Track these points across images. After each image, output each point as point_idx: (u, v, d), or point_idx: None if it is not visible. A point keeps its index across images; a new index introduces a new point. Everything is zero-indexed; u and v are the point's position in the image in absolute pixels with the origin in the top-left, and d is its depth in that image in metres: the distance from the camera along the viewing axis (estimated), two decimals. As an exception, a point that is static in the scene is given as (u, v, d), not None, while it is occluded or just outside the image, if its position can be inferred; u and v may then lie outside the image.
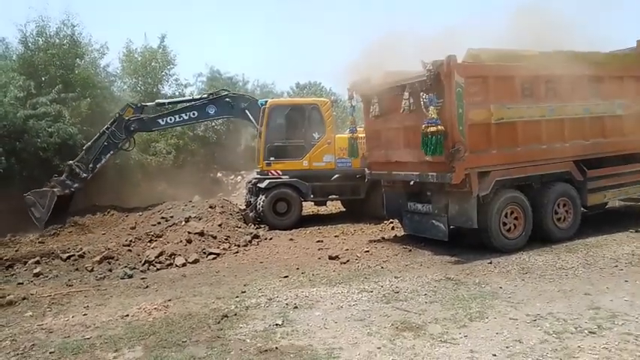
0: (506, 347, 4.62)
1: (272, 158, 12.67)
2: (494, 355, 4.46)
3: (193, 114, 14.32)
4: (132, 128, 14.03)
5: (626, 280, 6.57)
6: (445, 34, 8.68)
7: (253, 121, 13.82)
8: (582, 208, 9.54)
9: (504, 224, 8.56)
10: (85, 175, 13.50)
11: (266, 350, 4.84)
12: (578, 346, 4.56)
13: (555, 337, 4.81)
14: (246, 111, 14.07)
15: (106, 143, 13.85)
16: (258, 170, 13.24)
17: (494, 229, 8.44)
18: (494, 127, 8.42)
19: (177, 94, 22.33)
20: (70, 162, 13.50)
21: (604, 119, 9.62)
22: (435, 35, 8.58)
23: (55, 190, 12.98)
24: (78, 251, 9.49)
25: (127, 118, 13.90)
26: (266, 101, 13.50)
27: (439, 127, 7.83)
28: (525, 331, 5.00)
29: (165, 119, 14.35)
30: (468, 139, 8.08)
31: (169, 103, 15.82)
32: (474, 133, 8.19)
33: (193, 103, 14.63)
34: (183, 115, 14.31)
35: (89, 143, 13.95)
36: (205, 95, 15.19)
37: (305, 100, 14.49)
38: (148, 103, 15.58)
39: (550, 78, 8.92)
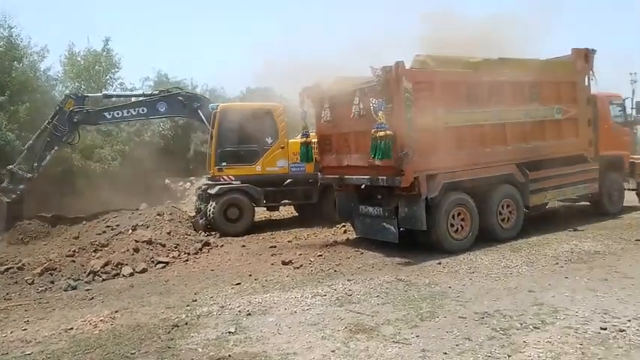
0: (457, 345, 4.74)
1: (224, 163, 12.43)
2: (445, 354, 4.56)
3: (142, 110, 13.57)
4: (75, 120, 13.12)
5: (567, 276, 6.89)
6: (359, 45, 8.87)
7: (206, 122, 13.37)
8: (525, 209, 9.95)
9: (452, 225, 8.80)
10: (29, 175, 12.69)
11: (219, 359, 4.75)
12: (524, 341, 4.74)
13: (502, 333, 4.98)
14: (199, 111, 13.55)
15: (49, 139, 12.93)
16: (209, 176, 12.96)
17: (443, 230, 8.67)
18: (441, 132, 8.66)
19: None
20: (10, 166, 12.77)
21: (544, 123, 10.08)
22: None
23: (2, 198, 12.26)
24: (17, 263, 8.98)
25: (69, 109, 13.03)
26: (217, 105, 13.18)
27: (388, 132, 7.97)
28: (474, 328, 5.14)
29: (112, 113, 13.55)
30: (416, 143, 8.27)
31: (118, 96, 15.01)
32: (421, 137, 8.38)
33: (143, 98, 13.94)
34: (131, 110, 13.56)
35: (30, 142, 13.10)
36: (156, 92, 14.52)
37: (257, 105, 14.19)
38: (90, 94, 14.70)
39: (493, 84, 9.28)
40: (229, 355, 4.81)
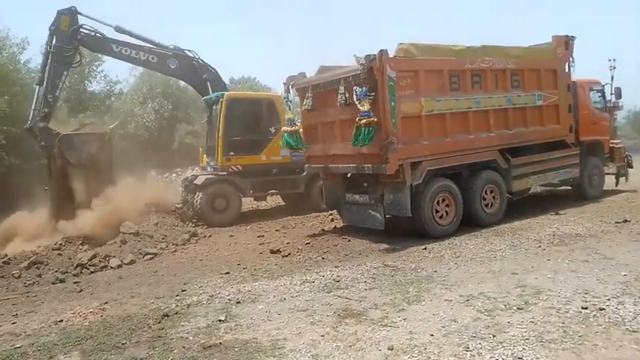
0: (443, 327, 4.85)
1: (232, 153, 12.29)
2: (432, 335, 4.67)
3: (153, 58, 12.86)
4: (78, 38, 11.81)
5: (549, 259, 7.05)
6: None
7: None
8: (508, 194, 10.12)
9: (437, 211, 8.93)
10: (47, 109, 11.69)
11: (210, 346, 4.81)
12: (508, 322, 4.86)
13: (487, 314, 5.10)
14: (208, 83, 13.22)
15: (55, 64, 11.69)
16: (217, 166, 12.51)
17: (428, 216, 8.79)
18: (424, 119, 8.76)
19: (106, 90, 21.28)
20: (26, 126, 11.93)
21: (525, 110, 10.23)
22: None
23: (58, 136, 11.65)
24: (2, 257, 8.94)
25: (70, 29, 11.68)
26: (222, 94, 12.78)
27: (372, 119, 8.03)
28: (459, 310, 5.26)
29: (120, 48, 12.54)
30: (401, 131, 8.36)
31: (131, 34, 13.07)
32: (405, 125, 8.48)
33: (157, 48, 13.05)
34: (141, 53, 12.75)
35: (39, 74, 12.07)
36: (172, 46, 13.35)
37: (262, 95, 13.93)
38: (87, 15, 12.83)
39: (476, 71, 9.38)
40: (220, 343, 4.87)
